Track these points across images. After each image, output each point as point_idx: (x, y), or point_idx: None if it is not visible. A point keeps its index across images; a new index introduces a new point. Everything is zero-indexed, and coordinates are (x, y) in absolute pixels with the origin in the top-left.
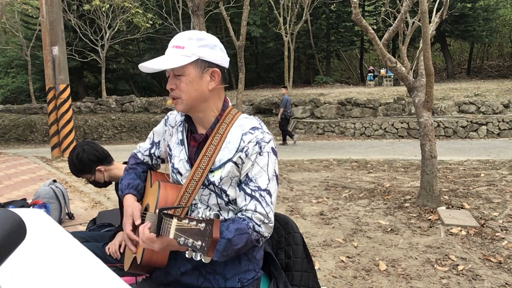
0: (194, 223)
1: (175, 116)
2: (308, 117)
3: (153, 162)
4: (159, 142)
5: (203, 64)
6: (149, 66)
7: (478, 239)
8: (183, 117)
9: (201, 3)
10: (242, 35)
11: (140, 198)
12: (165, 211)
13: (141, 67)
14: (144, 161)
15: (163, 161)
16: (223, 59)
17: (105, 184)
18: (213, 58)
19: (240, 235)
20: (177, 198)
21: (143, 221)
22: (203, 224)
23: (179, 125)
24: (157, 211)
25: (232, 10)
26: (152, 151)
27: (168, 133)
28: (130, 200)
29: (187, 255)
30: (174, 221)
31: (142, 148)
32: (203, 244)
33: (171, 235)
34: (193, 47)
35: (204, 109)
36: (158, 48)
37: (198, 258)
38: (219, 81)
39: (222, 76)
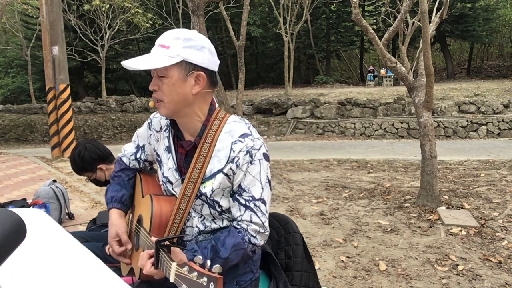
0: (196, 274)
1: (159, 120)
2: (308, 117)
3: (141, 166)
4: (144, 146)
5: (188, 67)
6: (131, 65)
7: (478, 239)
8: (168, 121)
9: (201, 3)
10: (242, 35)
11: (126, 209)
12: (162, 243)
13: (124, 65)
14: (131, 165)
15: (151, 163)
16: (212, 62)
17: (106, 183)
18: (199, 60)
19: (237, 251)
20: (171, 216)
21: (137, 235)
22: (205, 279)
23: (165, 130)
24: (152, 238)
25: (232, 10)
26: (138, 155)
27: (153, 137)
28: (114, 217)
29: None
30: (174, 265)
31: (127, 152)
32: None
33: (172, 279)
34: (178, 48)
35: (188, 114)
36: None
37: None
38: (205, 85)
39: (209, 80)
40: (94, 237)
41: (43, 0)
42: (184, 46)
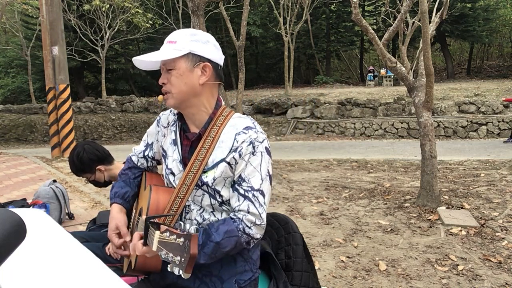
0: (174, 237)
1: (167, 116)
2: (308, 117)
3: (149, 164)
4: (152, 143)
5: (194, 58)
6: (142, 58)
7: (478, 239)
8: (176, 116)
9: (201, 3)
10: (242, 35)
11: (129, 206)
12: (152, 220)
13: (135, 60)
14: (139, 164)
15: (158, 162)
16: (216, 55)
17: (105, 183)
18: (205, 52)
19: (229, 238)
20: (168, 203)
21: (137, 226)
22: (182, 239)
23: (172, 125)
24: (143, 216)
25: (232, 10)
26: (146, 153)
27: (161, 133)
28: (114, 211)
29: (169, 269)
30: (157, 233)
31: (137, 151)
32: (182, 259)
33: (154, 248)
34: (185, 41)
35: (195, 104)
36: (158, 48)
37: (179, 273)
38: (211, 76)
39: (215, 72)
40: (94, 237)
41: (43, 0)
42: (190, 40)
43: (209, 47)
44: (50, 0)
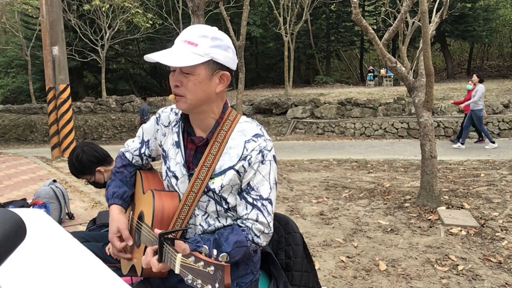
0: (202, 264)
1: (168, 115)
2: (308, 117)
3: (144, 162)
4: (148, 141)
5: (214, 66)
6: (158, 59)
7: (478, 239)
8: (178, 116)
9: (201, 3)
10: (242, 35)
11: (127, 206)
12: (166, 235)
13: (147, 58)
14: (133, 161)
15: (154, 159)
16: (234, 62)
17: (105, 184)
18: (225, 60)
19: (239, 248)
20: (177, 211)
21: (139, 231)
22: (212, 268)
23: (174, 125)
24: (155, 230)
25: (232, 10)
26: (142, 150)
27: (160, 132)
28: (115, 212)
29: None
30: (179, 256)
31: (131, 147)
32: None
33: (177, 271)
34: (206, 46)
35: (206, 111)
36: (158, 48)
37: None
38: (227, 84)
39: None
40: (94, 237)
41: (43, 0)
42: (211, 45)
43: (229, 54)
44: (50, 0)
